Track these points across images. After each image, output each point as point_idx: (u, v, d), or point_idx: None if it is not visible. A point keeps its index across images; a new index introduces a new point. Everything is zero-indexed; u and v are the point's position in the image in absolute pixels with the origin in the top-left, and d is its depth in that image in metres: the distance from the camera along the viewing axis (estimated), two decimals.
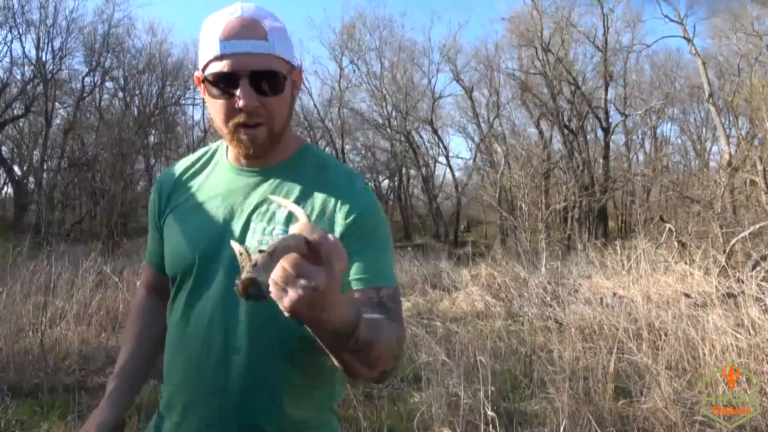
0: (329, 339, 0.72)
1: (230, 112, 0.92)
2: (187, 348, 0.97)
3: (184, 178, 1.08)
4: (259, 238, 0.93)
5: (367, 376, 0.83)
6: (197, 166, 1.09)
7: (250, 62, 0.89)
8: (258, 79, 0.90)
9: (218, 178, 1.04)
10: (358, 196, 0.96)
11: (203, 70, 0.93)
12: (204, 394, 0.94)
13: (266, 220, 0.95)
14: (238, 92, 0.90)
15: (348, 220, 0.93)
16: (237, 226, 0.96)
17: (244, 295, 0.58)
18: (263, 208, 0.96)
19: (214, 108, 0.94)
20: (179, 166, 1.11)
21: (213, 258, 0.95)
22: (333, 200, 0.95)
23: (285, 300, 0.62)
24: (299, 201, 0.95)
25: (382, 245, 0.96)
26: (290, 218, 0.94)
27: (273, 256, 0.60)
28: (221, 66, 0.89)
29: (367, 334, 0.74)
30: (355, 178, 1.01)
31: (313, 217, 0.94)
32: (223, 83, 0.91)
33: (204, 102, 1.02)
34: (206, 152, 1.11)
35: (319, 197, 0.96)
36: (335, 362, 0.79)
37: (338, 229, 0.92)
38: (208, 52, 0.91)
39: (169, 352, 1.02)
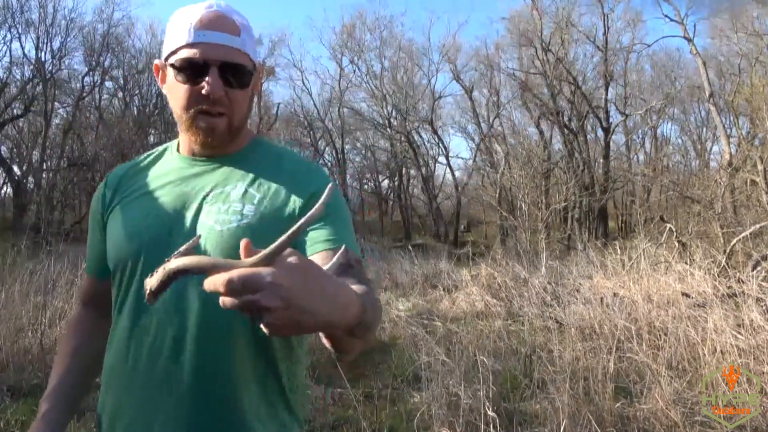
0: (342, 335, 0.72)
1: (193, 98, 0.92)
2: (138, 339, 0.91)
3: (132, 172, 1.06)
4: (214, 218, 0.92)
5: (361, 348, 0.83)
6: (146, 162, 1.07)
7: (222, 53, 0.91)
8: (226, 71, 0.91)
9: (168, 168, 1.03)
10: (315, 175, 0.98)
11: (169, 57, 0.93)
12: (155, 393, 0.89)
13: (221, 201, 0.94)
14: (206, 79, 0.90)
15: (307, 195, 0.93)
16: (189, 211, 0.94)
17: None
18: (217, 191, 0.96)
19: (176, 94, 0.94)
20: (126, 165, 1.10)
21: (165, 243, 0.90)
22: (290, 182, 0.96)
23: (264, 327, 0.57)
24: (251, 185, 0.95)
25: (344, 219, 0.96)
26: (245, 196, 0.94)
27: (165, 270, 0.60)
28: (192, 53, 0.90)
29: (370, 316, 0.74)
30: (310, 163, 1.03)
31: (267, 200, 0.93)
32: (191, 70, 0.91)
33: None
34: (155, 150, 1.10)
35: (274, 181, 0.96)
36: (327, 343, 0.77)
37: (297, 205, 0.92)
38: (178, 39, 0.92)
39: (116, 349, 0.95)
